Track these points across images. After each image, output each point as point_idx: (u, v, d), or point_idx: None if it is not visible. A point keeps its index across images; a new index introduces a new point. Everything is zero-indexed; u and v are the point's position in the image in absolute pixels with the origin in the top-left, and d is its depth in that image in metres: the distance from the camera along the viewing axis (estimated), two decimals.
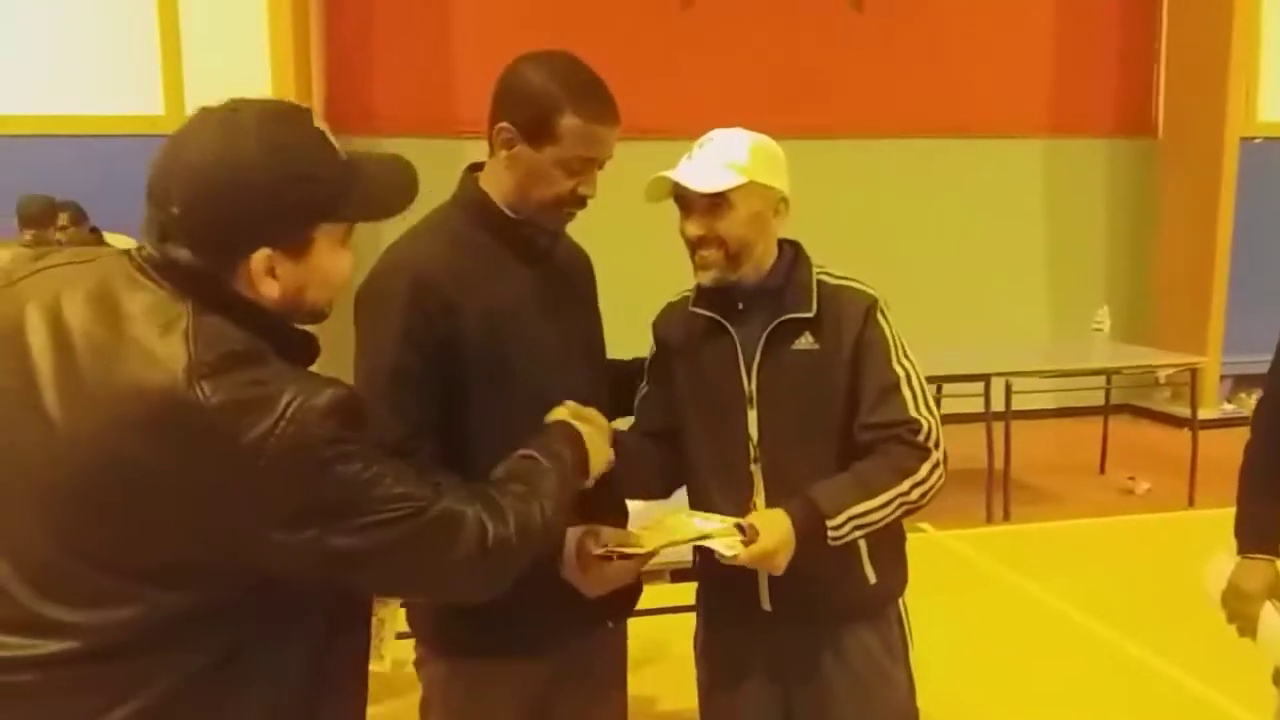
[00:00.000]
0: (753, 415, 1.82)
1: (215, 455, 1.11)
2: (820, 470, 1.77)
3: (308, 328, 1.30)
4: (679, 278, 1.97)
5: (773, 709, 1.90)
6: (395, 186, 1.35)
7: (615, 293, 2.31)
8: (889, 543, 1.87)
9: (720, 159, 1.78)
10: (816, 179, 7.63)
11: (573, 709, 1.87)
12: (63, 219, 5.47)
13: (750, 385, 1.83)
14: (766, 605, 1.83)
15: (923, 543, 5.35)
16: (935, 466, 1.76)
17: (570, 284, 1.87)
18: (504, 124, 1.70)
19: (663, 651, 2.02)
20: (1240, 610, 2.18)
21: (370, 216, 1.30)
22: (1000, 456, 5.61)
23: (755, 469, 1.83)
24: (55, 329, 1.17)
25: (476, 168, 1.81)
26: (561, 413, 1.66)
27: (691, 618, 2.02)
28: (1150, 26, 8.26)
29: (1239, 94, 7.69)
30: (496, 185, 1.76)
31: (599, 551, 1.63)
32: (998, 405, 5.58)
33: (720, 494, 1.84)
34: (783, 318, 1.82)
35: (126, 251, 1.25)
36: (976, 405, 5.63)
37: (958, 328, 7.50)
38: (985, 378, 5.60)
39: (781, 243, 1.90)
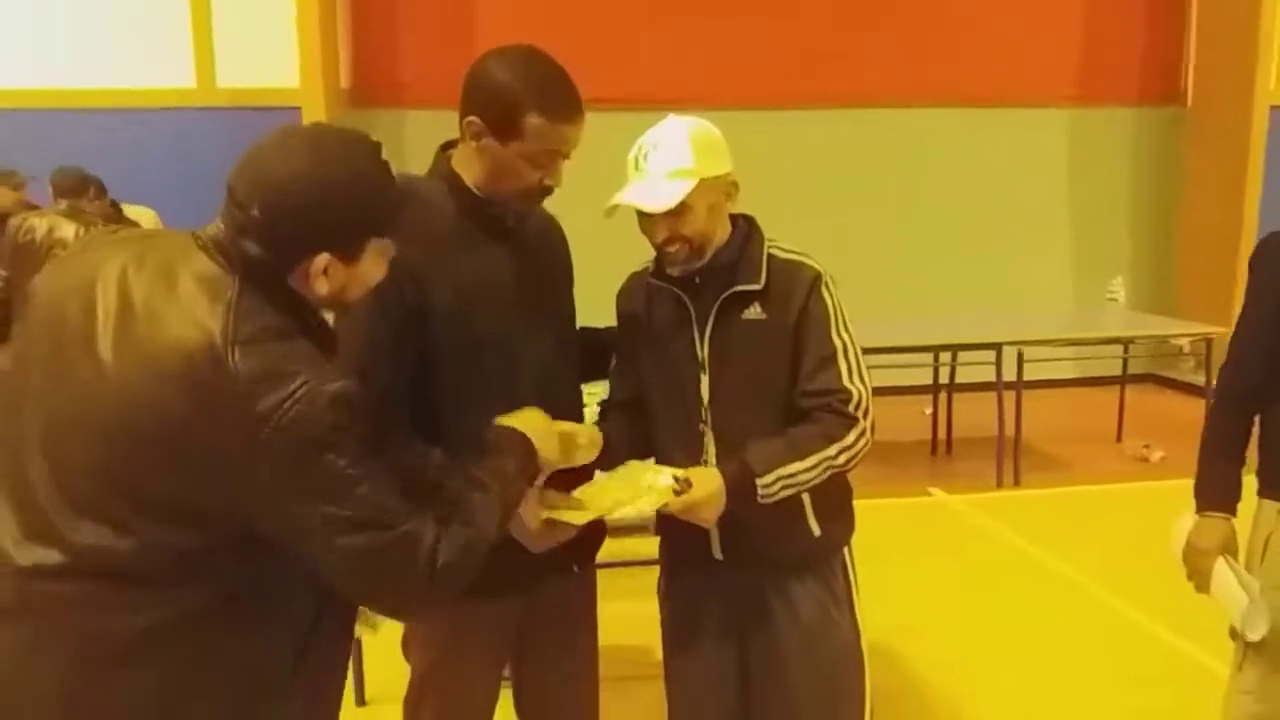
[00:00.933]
0: (705, 380, 1.93)
1: (231, 414, 1.25)
2: (765, 433, 1.87)
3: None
4: None
5: (728, 649, 2.01)
6: None
7: (613, 260, 2.37)
8: (833, 498, 1.97)
9: (667, 168, 1.84)
10: (837, 149, 7.73)
11: (545, 645, 2.02)
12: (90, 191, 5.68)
13: (703, 352, 1.93)
14: (718, 554, 1.94)
15: (932, 506, 5.46)
16: (862, 434, 1.87)
17: (540, 257, 1.96)
18: (473, 118, 1.80)
19: (643, 599, 2.14)
20: (1196, 566, 2.27)
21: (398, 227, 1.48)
22: (1011, 424, 5.67)
23: (706, 430, 1.94)
24: (120, 287, 1.34)
25: (449, 146, 1.91)
26: (528, 419, 1.73)
27: None
28: None
29: (1269, 62, 7.58)
30: (467, 168, 1.85)
31: (544, 516, 1.73)
32: (1011, 374, 5.63)
33: (677, 454, 1.95)
34: (733, 289, 1.92)
35: (193, 232, 1.42)
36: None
37: (978, 297, 7.53)
38: (997, 346, 5.65)
39: (735, 218, 1.98)
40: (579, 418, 2.05)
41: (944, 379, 6.49)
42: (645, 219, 1.89)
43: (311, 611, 1.43)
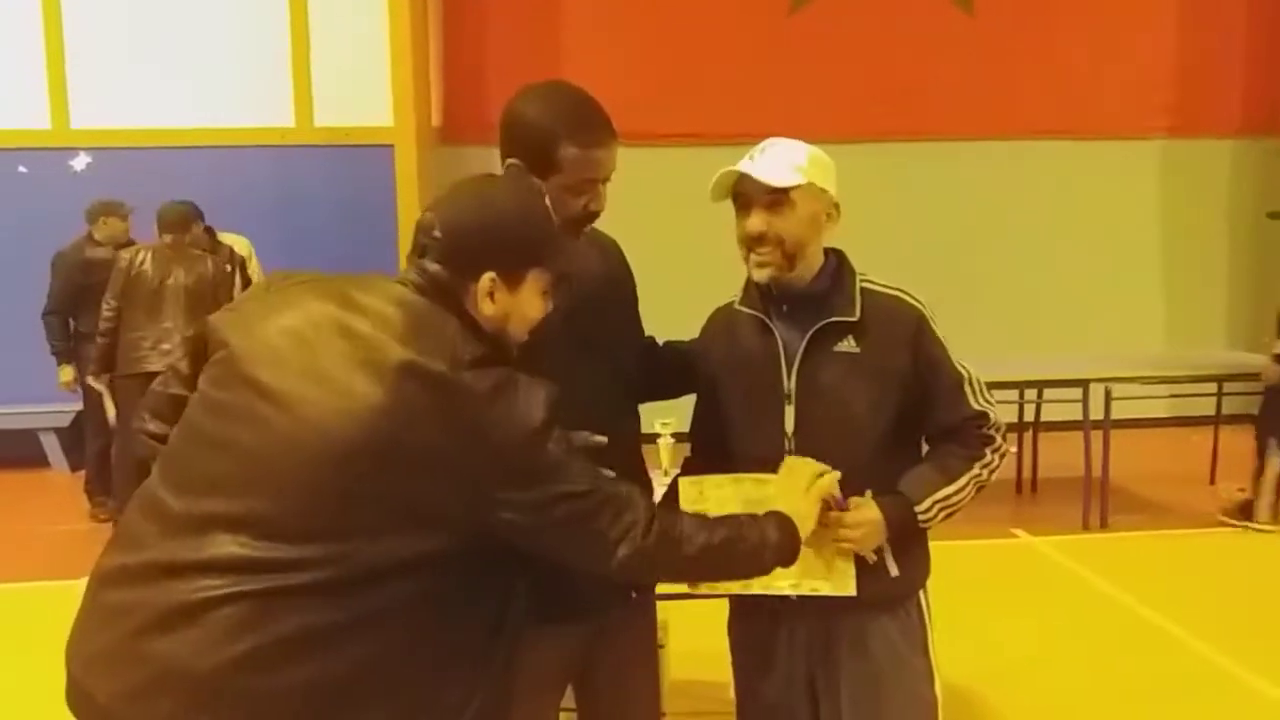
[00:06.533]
0: (790, 411, 1.93)
1: (467, 423, 1.43)
2: (851, 465, 1.86)
3: None
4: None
5: (798, 688, 2.00)
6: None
7: (697, 286, 2.40)
8: (911, 540, 1.95)
9: (784, 161, 1.89)
10: (927, 182, 7.70)
11: (605, 673, 2.04)
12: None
13: (790, 383, 1.93)
14: (793, 595, 1.90)
15: (1017, 548, 5.36)
16: (998, 449, 1.94)
17: (595, 286, 1.97)
18: (513, 160, 1.86)
19: (714, 635, 2.16)
20: None
21: (563, 273, 1.68)
22: (1099, 464, 5.55)
23: None
24: (336, 324, 1.49)
25: None
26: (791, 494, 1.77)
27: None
28: (1278, 18, 7.94)
29: None
30: None
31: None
32: (1098, 413, 5.52)
33: None
34: (827, 320, 1.92)
35: (398, 277, 1.60)
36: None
37: (1066, 333, 7.40)
38: (1084, 383, 5.55)
39: (826, 251, 1.99)
40: (635, 444, 2.06)
41: (1029, 416, 6.37)
42: (743, 214, 1.91)
43: (500, 607, 1.57)
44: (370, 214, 7.15)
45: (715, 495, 1.85)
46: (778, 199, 1.87)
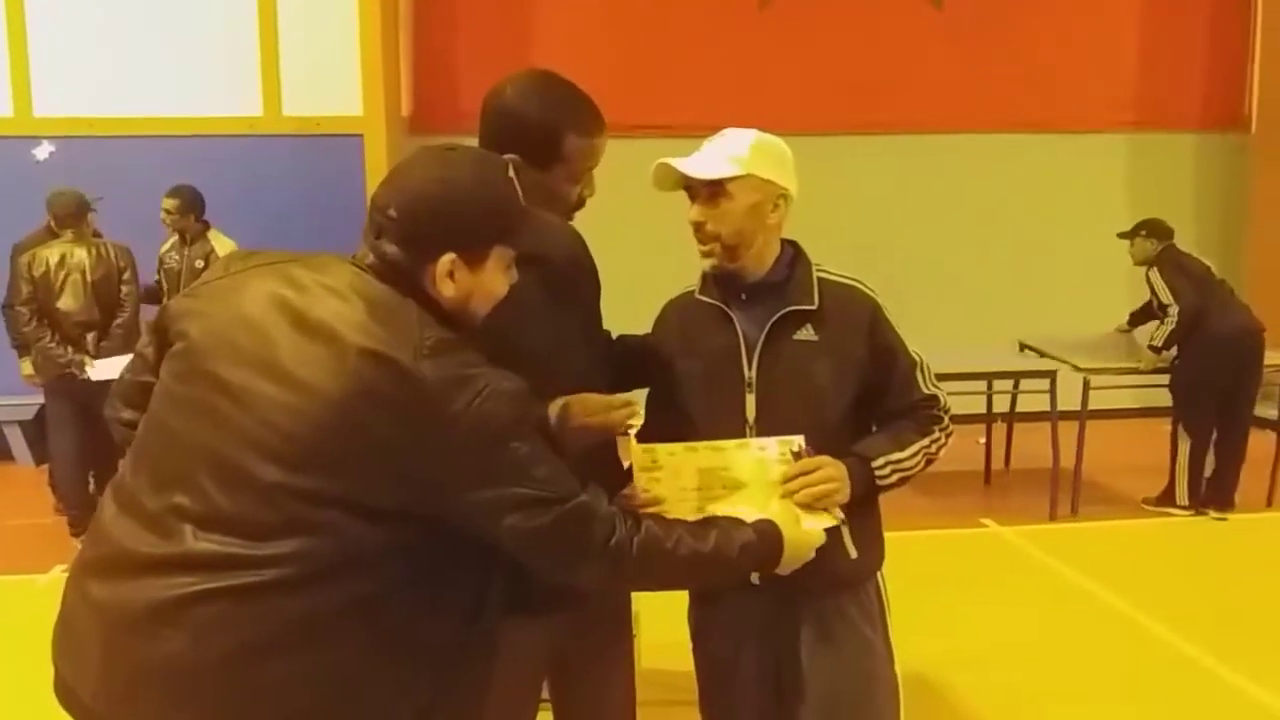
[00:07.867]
0: (751, 399, 1.95)
1: (425, 419, 1.38)
2: (812, 450, 1.89)
3: None
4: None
5: (763, 673, 2.02)
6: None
7: (670, 278, 2.42)
8: (868, 523, 2.00)
9: (724, 152, 1.91)
10: (895, 174, 7.73)
11: (584, 661, 2.05)
12: (170, 205, 5.78)
13: (751, 372, 1.95)
14: (755, 580, 1.93)
15: (985, 537, 5.40)
16: (946, 427, 2.03)
17: (567, 274, 1.95)
18: (511, 156, 1.82)
19: (679, 625, 2.16)
20: None
21: (538, 256, 1.64)
22: (1065, 454, 5.60)
23: None
24: (288, 312, 1.45)
25: None
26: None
27: None
28: (1243, 16, 8.04)
29: None
30: None
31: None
32: (1066, 403, 5.57)
33: None
34: (787, 309, 1.95)
35: (352, 258, 1.54)
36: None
37: (1034, 324, 7.44)
38: (1052, 374, 5.60)
39: (783, 241, 2.01)
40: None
41: (998, 407, 6.42)
42: (690, 203, 1.94)
43: (475, 597, 1.54)
44: (339, 204, 7.04)
45: (669, 463, 1.85)
46: (714, 191, 1.90)
